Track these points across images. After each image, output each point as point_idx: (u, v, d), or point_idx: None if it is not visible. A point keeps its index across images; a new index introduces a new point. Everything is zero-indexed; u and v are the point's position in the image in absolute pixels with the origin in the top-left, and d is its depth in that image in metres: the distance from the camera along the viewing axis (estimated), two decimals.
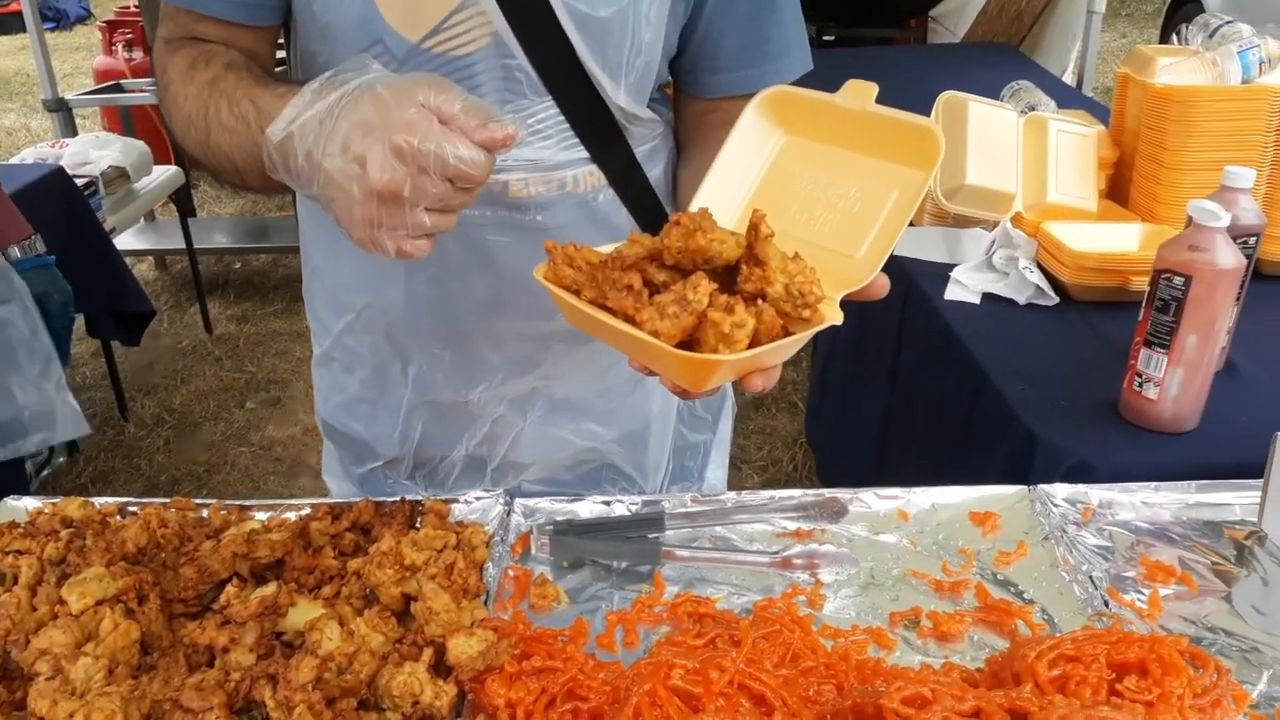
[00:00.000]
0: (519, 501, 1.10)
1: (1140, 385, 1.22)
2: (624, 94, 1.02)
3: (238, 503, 1.08)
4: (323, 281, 1.19)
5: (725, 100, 1.07)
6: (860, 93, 0.82)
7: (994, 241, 1.71)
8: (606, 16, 0.97)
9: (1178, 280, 1.15)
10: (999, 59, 3.63)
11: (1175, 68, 1.73)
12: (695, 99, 1.11)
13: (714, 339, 0.71)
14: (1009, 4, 4.58)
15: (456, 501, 1.09)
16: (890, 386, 1.75)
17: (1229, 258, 1.14)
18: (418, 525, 1.03)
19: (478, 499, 1.09)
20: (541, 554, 1.03)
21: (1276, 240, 1.67)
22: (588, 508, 1.10)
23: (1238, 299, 1.30)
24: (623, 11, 0.97)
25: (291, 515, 1.06)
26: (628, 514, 1.10)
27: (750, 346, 0.72)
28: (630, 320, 0.73)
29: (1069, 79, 3.78)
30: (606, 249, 0.80)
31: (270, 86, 0.86)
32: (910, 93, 0.95)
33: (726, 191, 0.84)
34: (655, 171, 1.12)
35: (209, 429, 3.34)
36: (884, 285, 0.80)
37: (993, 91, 1.99)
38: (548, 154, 1.02)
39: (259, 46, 1.00)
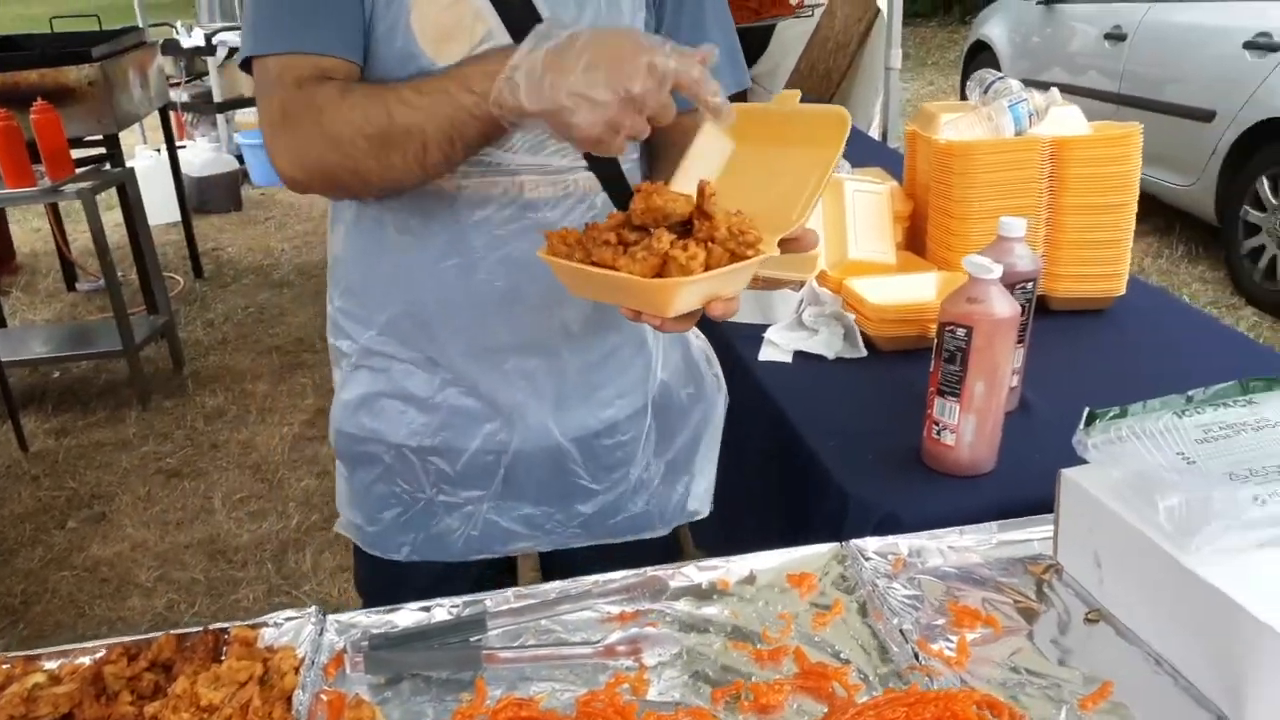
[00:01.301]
0: (332, 618, 1.07)
1: (938, 433, 1.27)
2: None
3: (22, 654, 1.01)
4: (354, 298, 1.28)
5: (679, 116, 1.20)
6: (788, 99, 1.06)
7: (802, 300, 1.77)
8: None
9: (960, 331, 1.21)
10: None
11: (956, 123, 1.83)
12: None
13: (675, 271, 0.91)
14: (818, 63, 4.81)
15: (266, 625, 1.05)
16: (728, 452, 1.78)
17: (1005, 307, 1.20)
18: (223, 656, 0.98)
19: (288, 619, 1.05)
20: (356, 673, 0.99)
21: (1060, 278, 1.77)
22: (406, 616, 1.08)
23: (1020, 342, 1.38)
24: None
25: (87, 659, 1.00)
26: (449, 617, 1.08)
27: None
28: (612, 269, 0.94)
29: (875, 132, 3.97)
30: None
31: (457, 65, 1.03)
32: None
33: (690, 188, 1.01)
34: (635, 182, 1.25)
35: (25, 555, 3.14)
36: (814, 239, 1.02)
37: None
38: (555, 161, 1.18)
39: None
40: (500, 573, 1.41)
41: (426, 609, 1.08)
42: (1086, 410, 1.04)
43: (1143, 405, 1.05)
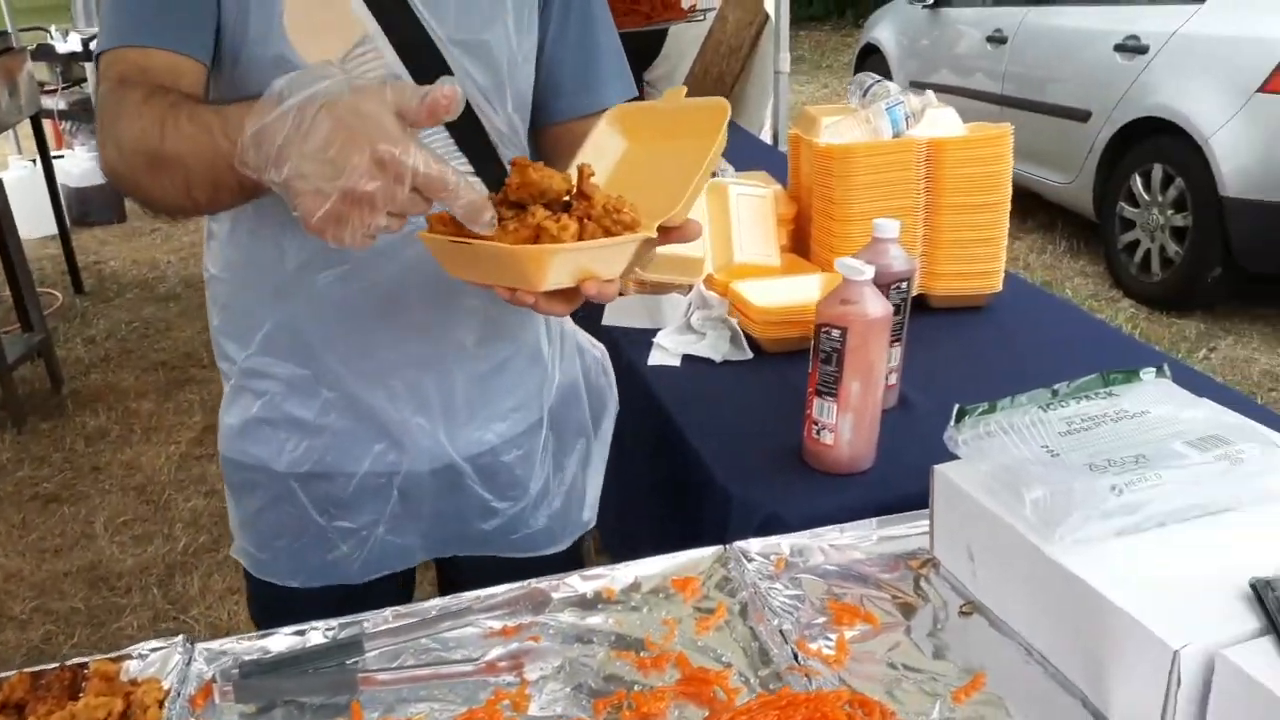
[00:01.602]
0: (201, 647, 1.03)
1: (818, 433, 1.29)
2: (505, 115, 1.18)
3: None
4: (230, 314, 1.24)
5: (569, 124, 1.23)
6: (674, 95, 1.08)
7: (690, 304, 1.77)
8: (487, 39, 1.13)
9: (835, 332, 1.22)
10: None
11: (836, 126, 1.86)
12: (545, 127, 1.27)
13: (547, 241, 0.89)
14: (711, 67, 4.84)
15: (130, 658, 1.00)
16: (620, 459, 1.78)
17: (878, 307, 1.22)
18: (80, 692, 0.94)
19: (153, 650, 1.01)
20: (226, 702, 0.96)
21: (939, 276, 1.82)
22: (279, 641, 1.04)
23: (895, 341, 1.40)
24: (497, 34, 1.14)
25: None
26: (324, 640, 1.05)
27: None
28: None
29: (766, 135, 4.02)
30: None
31: (232, 104, 0.93)
32: None
33: None
34: None
35: None
36: (697, 229, 0.99)
37: None
38: None
39: (198, 90, 1.06)
40: (400, 593, 1.38)
41: (301, 633, 1.05)
42: (956, 407, 1.06)
43: (1010, 400, 1.08)
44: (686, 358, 1.69)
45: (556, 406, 1.35)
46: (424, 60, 1.10)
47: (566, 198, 0.95)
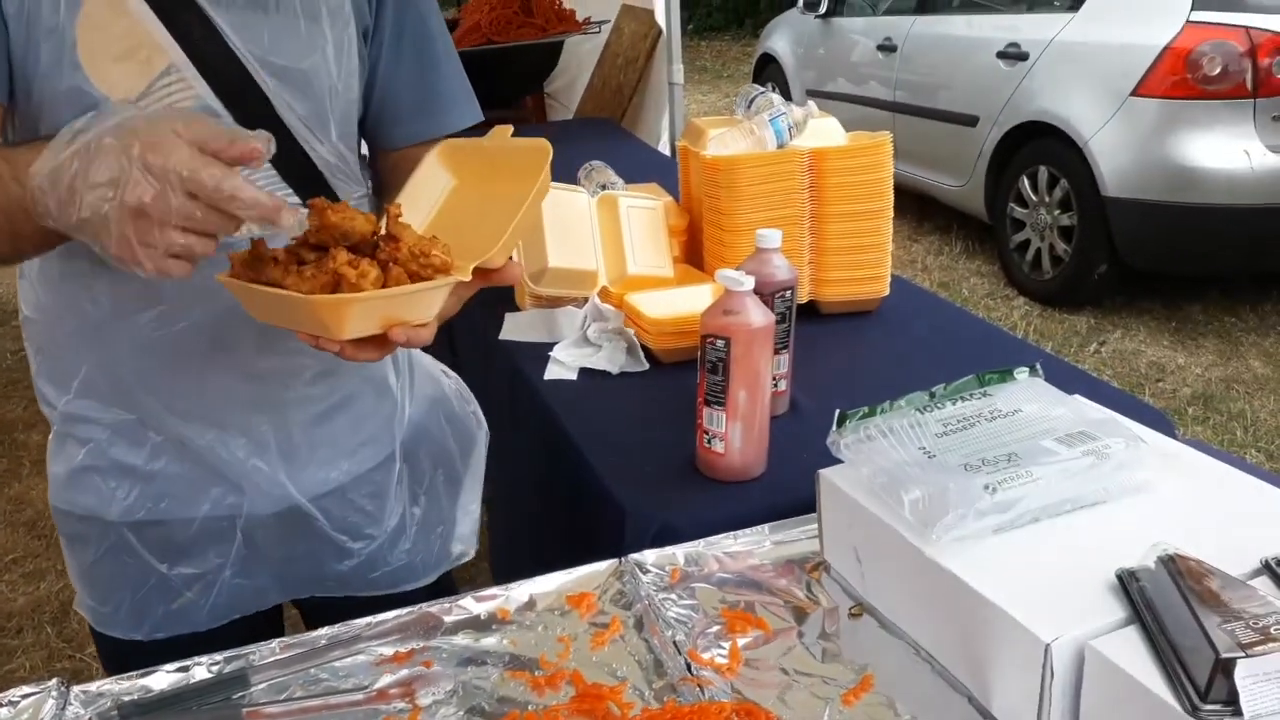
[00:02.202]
0: (77, 689, 0.99)
1: (709, 441, 1.30)
2: (331, 145, 1.13)
3: None
4: (46, 358, 1.17)
5: (409, 150, 1.20)
6: (501, 133, 1.07)
7: (586, 317, 1.78)
8: (305, 68, 1.08)
9: (720, 343, 1.24)
10: (602, 133, 3.83)
11: (722, 138, 1.88)
12: (385, 152, 1.24)
13: (347, 289, 0.87)
14: (609, 78, 4.86)
15: (0, 705, 0.96)
16: (513, 477, 1.76)
17: (759, 317, 1.24)
18: None
19: (24, 696, 0.97)
20: None
21: (828, 283, 1.85)
22: (161, 679, 1.01)
23: (782, 349, 1.43)
24: (316, 63, 1.09)
25: None
26: (209, 675, 1.02)
27: None
28: (281, 288, 0.89)
29: (664, 147, 4.05)
30: None
31: (17, 146, 0.90)
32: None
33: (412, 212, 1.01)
34: None
35: None
36: (516, 273, 1.00)
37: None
38: None
39: None
40: (263, 630, 1.29)
41: (185, 669, 1.02)
42: (838, 412, 1.08)
43: (890, 404, 1.10)
44: (583, 371, 1.69)
45: (410, 439, 1.31)
46: (238, 89, 1.05)
47: (375, 238, 0.92)
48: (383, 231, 0.93)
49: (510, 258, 0.99)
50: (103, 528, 1.20)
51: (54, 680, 0.99)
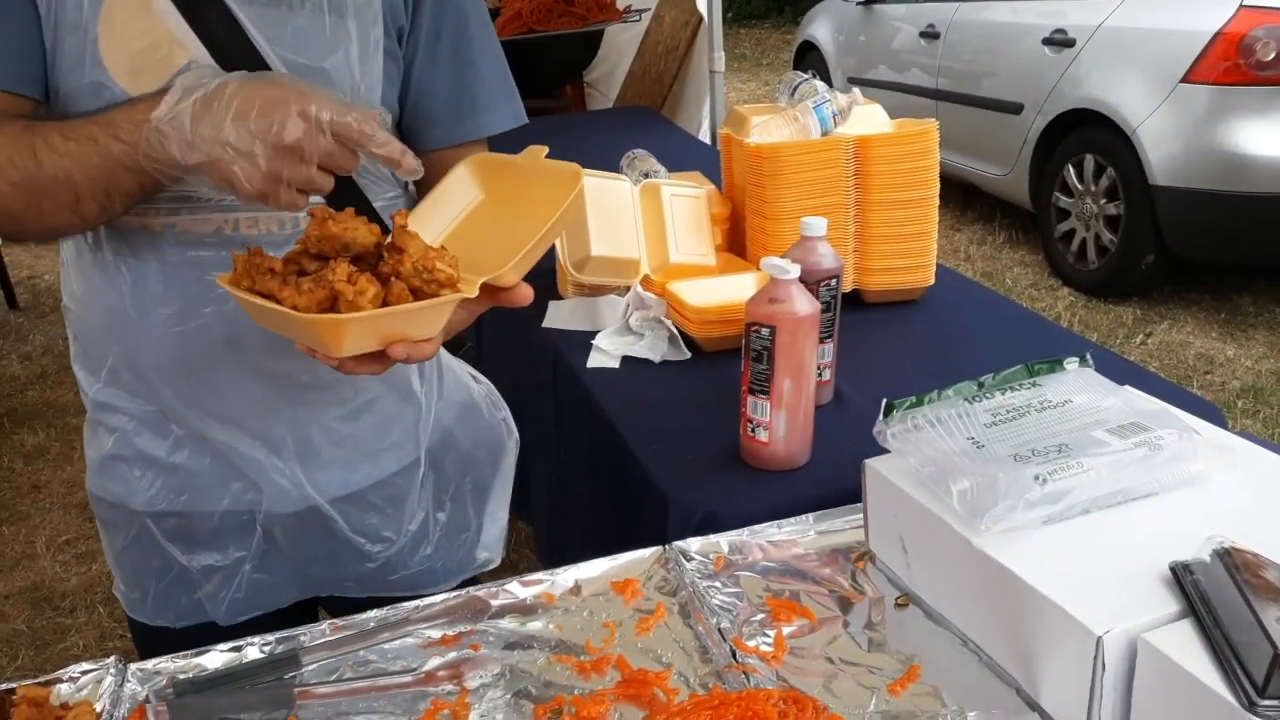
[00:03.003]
0: (134, 667, 1.01)
1: (753, 430, 1.30)
2: None
3: None
4: (80, 344, 1.20)
5: (445, 152, 1.19)
6: (534, 153, 1.06)
7: (628, 305, 1.78)
8: (326, 67, 1.07)
9: (765, 331, 1.23)
10: (643, 121, 3.83)
11: (765, 126, 1.87)
12: (423, 153, 1.17)
13: (344, 307, 0.86)
14: (649, 67, 4.85)
15: (61, 681, 0.99)
16: (559, 463, 1.77)
17: (805, 305, 1.24)
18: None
19: (84, 673, 0.99)
20: None
21: (872, 272, 1.84)
22: (215, 658, 1.03)
23: (827, 338, 1.42)
24: (338, 62, 1.08)
25: None
26: (261, 655, 1.04)
27: None
28: (277, 300, 0.88)
29: (704, 135, 4.03)
30: None
31: (103, 111, 0.95)
32: (569, 159, 1.06)
33: (425, 232, 0.99)
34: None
35: None
36: (526, 295, 0.98)
37: None
38: None
39: None
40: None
41: (238, 649, 1.04)
42: (884, 401, 1.08)
43: (938, 393, 1.10)
44: (625, 359, 1.70)
45: (437, 445, 1.30)
46: None
47: (379, 250, 0.92)
48: (387, 242, 0.92)
49: (522, 280, 0.98)
50: (129, 516, 1.22)
51: (112, 658, 1.01)
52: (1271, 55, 3.94)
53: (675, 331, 1.69)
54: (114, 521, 1.25)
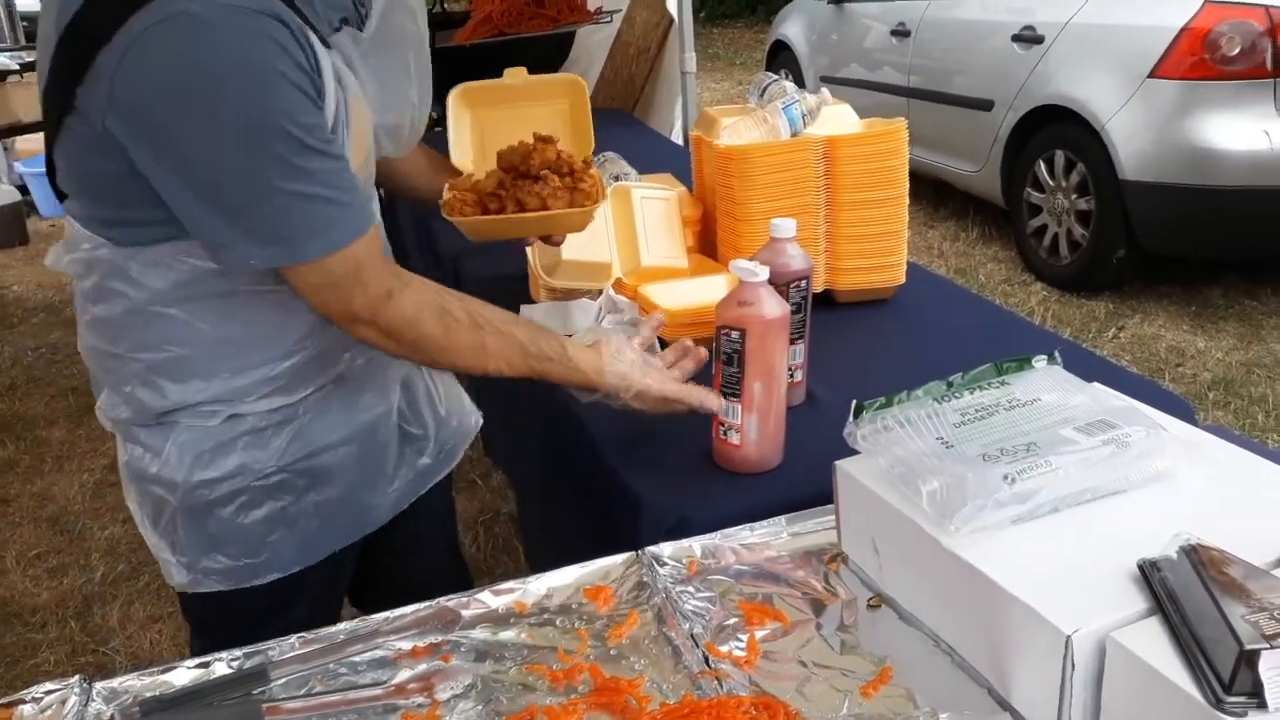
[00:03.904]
0: (99, 685, 1.00)
1: (725, 433, 1.30)
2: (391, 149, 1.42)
3: None
4: (180, 361, 1.23)
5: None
6: (516, 73, 1.61)
7: (600, 309, 1.77)
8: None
9: (734, 334, 1.23)
10: (615, 123, 3.81)
11: (735, 127, 1.87)
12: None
13: (582, 198, 1.46)
14: (621, 69, 4.84)
15: (24, 702, 0.97)
16: (541, 473, 1.77)
17: (774, 308, 1.23)
18: None
19: (47, 693, 0.98)
20: None
21: (843, 272, 1.84)
22: (181, 675, 1.02)
23: (798, 339, 1.42)
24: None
25: None
26: (229, 671, 1.02)
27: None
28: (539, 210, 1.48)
29: (677, 136, 4.03)
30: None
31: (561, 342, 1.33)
32: None
33: (464, 156, 1.63)
34: None
35: None
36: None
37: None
38: None
39: None
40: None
41: (205, 664, 1.03)
42: (854, 402, 1.08)
43: (907, 394, 1.10)
44: None
45: None
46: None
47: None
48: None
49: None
50: (253, 477, 1.28)
51: (77, 677, 0.99)
52: (1237, 50, 3.98)
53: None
54: (227, 497, 1.28)
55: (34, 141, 7.24)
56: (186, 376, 1.23)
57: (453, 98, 1.37)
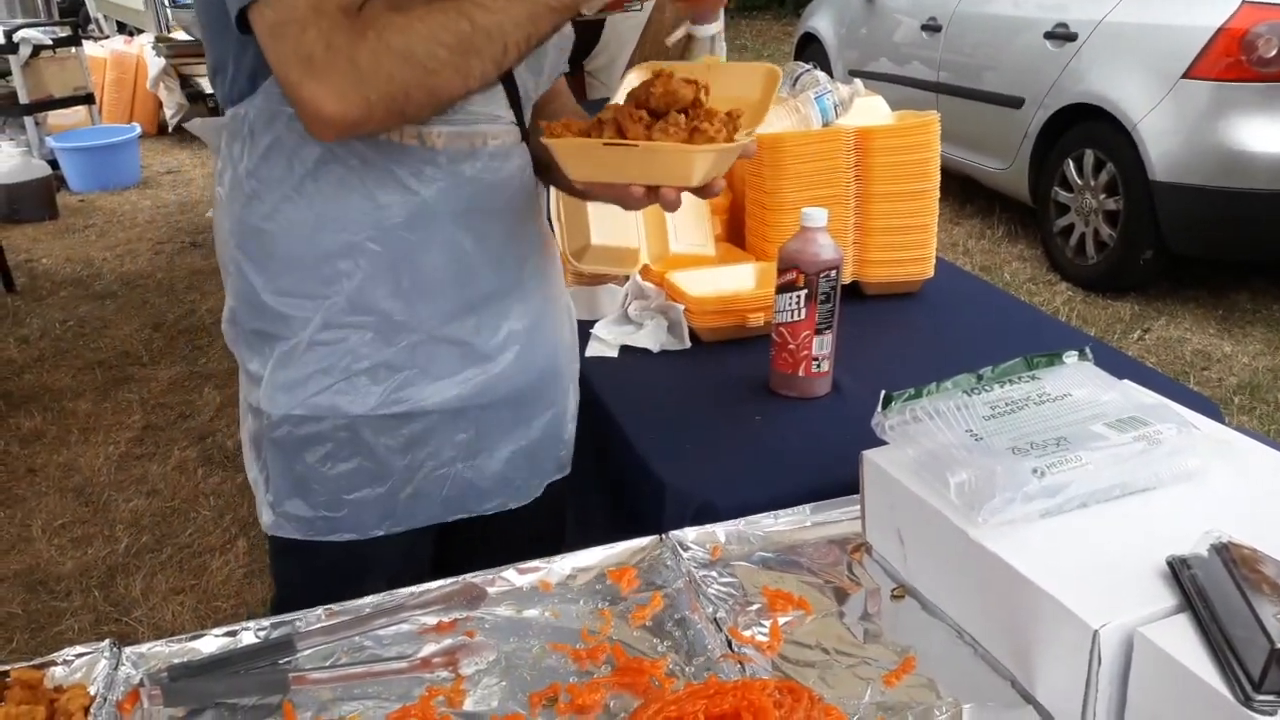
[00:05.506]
0: (129, 650, 1.01)
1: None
2: (535, 82, 1.28)
3: None
4: (303, 272, 1.19)
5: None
6: (713, 62, 1.26)
7: (627, 295, 1.77)
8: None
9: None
10: None
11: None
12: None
13: (702, 140, 1.07)
14: (651, 57, 4.83)
15: (55, 664, 0.98)
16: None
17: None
18: (1, 701, 0.92)
19: (78, 656, 0.99)
20: (155, 706, 0.94)
21: (871, 264, 1.83)
22: (209, 643, 1.03)
23: (825, 330, 1.43)
24: None
25: None
26: (256, 640, 1.04)
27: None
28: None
29: None
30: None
31: None
32: None
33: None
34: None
35: None
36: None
37: None
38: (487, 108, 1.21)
39: None
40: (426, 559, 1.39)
41: (232, 633, 1.04)
42: (883, 393, 1.08)
43: (936, 386, 1.09)
44: (624, 349, 1.70)
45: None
46: None
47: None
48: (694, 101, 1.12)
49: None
50: (342, 423, 1.23)
51: (106, 641, 1.01)
52: (1273, 52, 3.94)
53: (680, 320, 1.69)
54: (315, 437, 1.24)
55: (65, 116, 7.32)
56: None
57: (634, 74, 1.22)
